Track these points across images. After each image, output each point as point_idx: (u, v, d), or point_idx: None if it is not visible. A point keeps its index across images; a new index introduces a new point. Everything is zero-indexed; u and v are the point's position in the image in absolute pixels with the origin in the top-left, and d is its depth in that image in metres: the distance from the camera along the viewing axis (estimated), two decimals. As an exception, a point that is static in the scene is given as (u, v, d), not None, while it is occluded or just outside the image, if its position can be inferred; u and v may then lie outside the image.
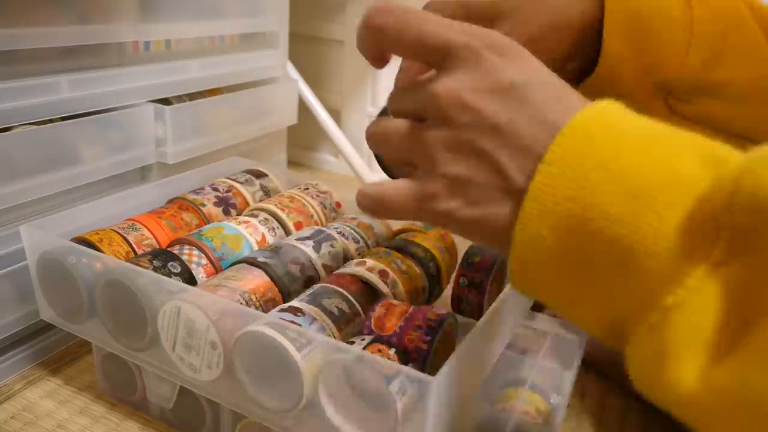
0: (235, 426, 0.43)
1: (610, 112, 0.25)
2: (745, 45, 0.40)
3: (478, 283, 0.46)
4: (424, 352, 0.36)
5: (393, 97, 0.32)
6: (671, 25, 0.40)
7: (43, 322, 0.48)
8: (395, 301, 0.40)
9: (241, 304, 0.39)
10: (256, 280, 0.42)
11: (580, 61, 0.40)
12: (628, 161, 0.23)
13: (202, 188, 0.56)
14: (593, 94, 0.37)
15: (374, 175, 1.04)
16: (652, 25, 0.39)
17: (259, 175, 0.60)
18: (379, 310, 0.38)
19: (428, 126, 0.28)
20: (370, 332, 0.37)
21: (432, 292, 0.48)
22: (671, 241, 0.22)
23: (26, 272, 0.47)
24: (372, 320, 0.37)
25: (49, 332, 0.54)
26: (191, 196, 0.54)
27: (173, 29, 0.65)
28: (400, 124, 0.29)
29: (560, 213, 0.23)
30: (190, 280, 0.44)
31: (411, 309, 0.38)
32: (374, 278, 0.43)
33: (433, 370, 0.32)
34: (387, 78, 1.07)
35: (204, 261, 0.45)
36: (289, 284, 0.43)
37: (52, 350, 0.55)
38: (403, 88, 0.31)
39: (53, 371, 0.53)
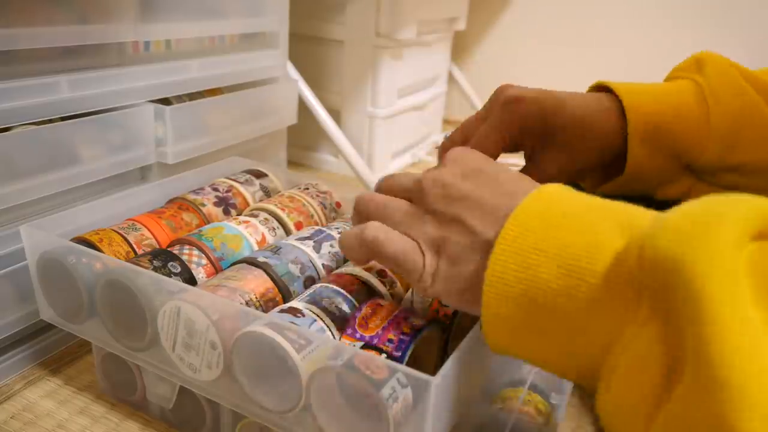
0: (235, 426, 0.43)
1: (545, 198, 0.29)
2: (760, 130, 0.44)
3: None
4: None
5: (387, 182, 0.38)
6: (689, 123, 0.44)
7: (43, 322, 0.48)
8: (383, 301, 0.39)
9: (241, 304, 0.39)
10: (256, 280, 0.42)
11: (610, 163, 0.46)
12: (556, 241, 0.27)
13: (202, 188, 0.56)
14: (624, 185, 0.45)
15: (374, 175, 1.04)
16: (671, 127, 0.44)
17: (259, 175, 0.60)
18: (365, 310, 0.38)
19: (414, 201, 0.34)
20: (354, 332, 0.37)
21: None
22: (603, 306, 0.25)
23: (26, 272, 0.47)
24: (356, 320, 0.37)
25: (49, 332, 0.54)
26: (191, 196, 0.54)
27: (173, 29, 0.65)
28: (396, 200, 0.35)
29: (513, 293, 0.27)
30: (190, 280, 0.44)
31: (395, 313, 0.38)
32: (372, 278, 0.43)
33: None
34: (387, 78, 1.07)
35: (204, 261, 0.45)
36: (290, 284, 0.43)
37: (52, 350, 0.55)
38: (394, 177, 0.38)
39: (53, 371, 0.53)
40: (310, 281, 0.45)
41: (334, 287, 0.41)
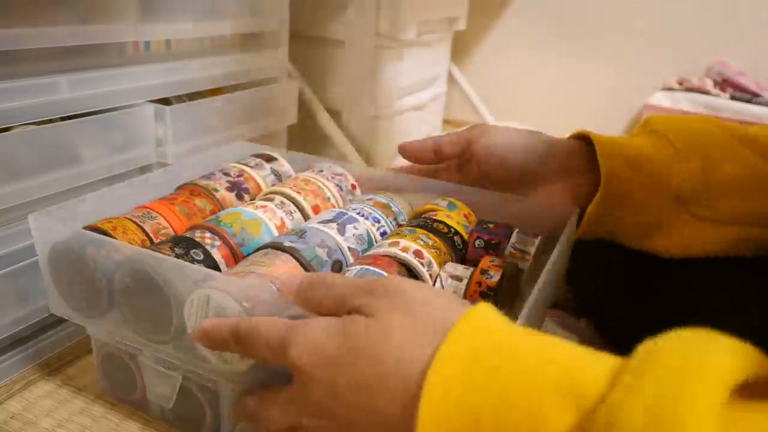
0: (236, 425, 0.43)
1: (468, 356, 0.25)
2: (727, 155, 0.46)
3: (495, 245, 0.46)
4: None
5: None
6: (657, 151, 0.47)
7: (43, 322, 0.48)
8: None
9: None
10: (285, 266, 0.40)
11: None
12: (488, 416, 0.23)
13: (212, 173, 0.55)
14: (608, 208, 0.49)
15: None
16: (639, 152, 0.48)
17: (269, 159, 0.59)
18: None
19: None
20: None
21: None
22: None
23: (26, 272, 0.47)
24: None
25: (49, 332, 0.54)
26: (203, 182, 0.52)
27: (173, 29, 0.65)
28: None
29: None
30: (214, 267, 0.42)
31: None
32: (411, 259, 0.42)
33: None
34: (387, 78, 1.07)
35: (225, 248, 0.44)
36: (318, 268, 0.42)
37: (52, 350, 0.54)
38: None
39: (53, 371, 0.53)
40: (337, 265, 0.43)
41: (376, 269, 0.40)
